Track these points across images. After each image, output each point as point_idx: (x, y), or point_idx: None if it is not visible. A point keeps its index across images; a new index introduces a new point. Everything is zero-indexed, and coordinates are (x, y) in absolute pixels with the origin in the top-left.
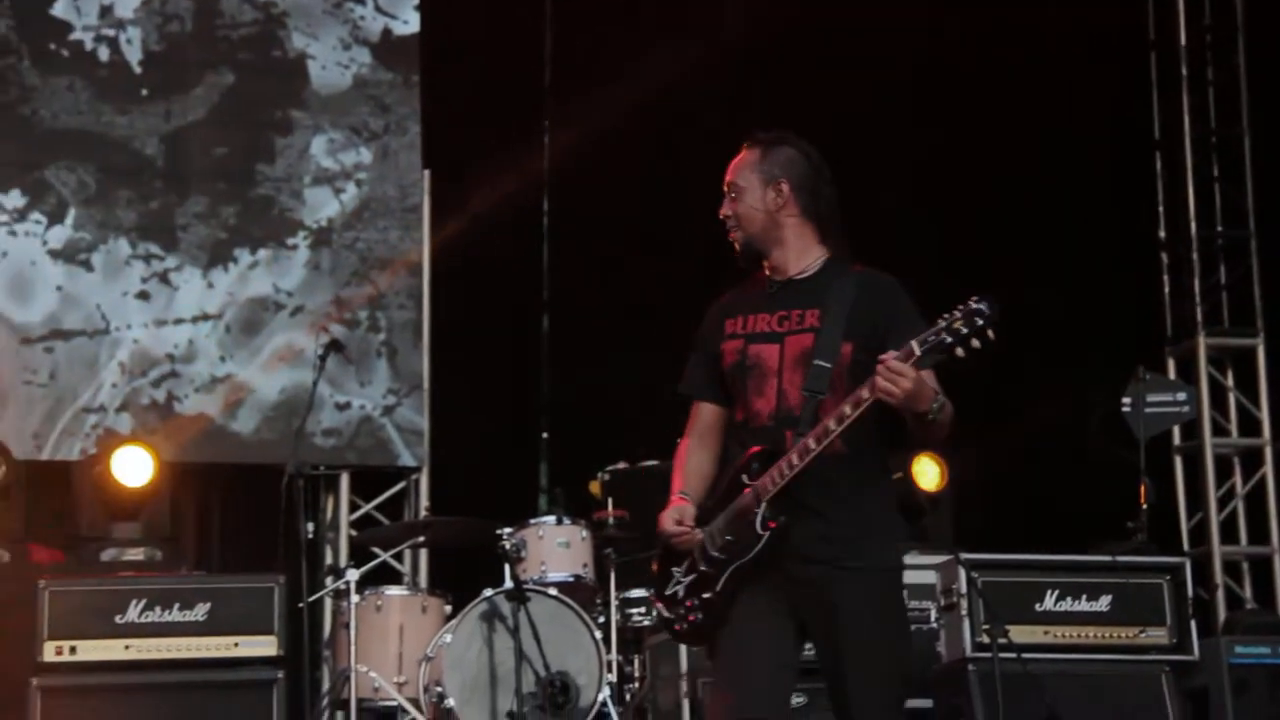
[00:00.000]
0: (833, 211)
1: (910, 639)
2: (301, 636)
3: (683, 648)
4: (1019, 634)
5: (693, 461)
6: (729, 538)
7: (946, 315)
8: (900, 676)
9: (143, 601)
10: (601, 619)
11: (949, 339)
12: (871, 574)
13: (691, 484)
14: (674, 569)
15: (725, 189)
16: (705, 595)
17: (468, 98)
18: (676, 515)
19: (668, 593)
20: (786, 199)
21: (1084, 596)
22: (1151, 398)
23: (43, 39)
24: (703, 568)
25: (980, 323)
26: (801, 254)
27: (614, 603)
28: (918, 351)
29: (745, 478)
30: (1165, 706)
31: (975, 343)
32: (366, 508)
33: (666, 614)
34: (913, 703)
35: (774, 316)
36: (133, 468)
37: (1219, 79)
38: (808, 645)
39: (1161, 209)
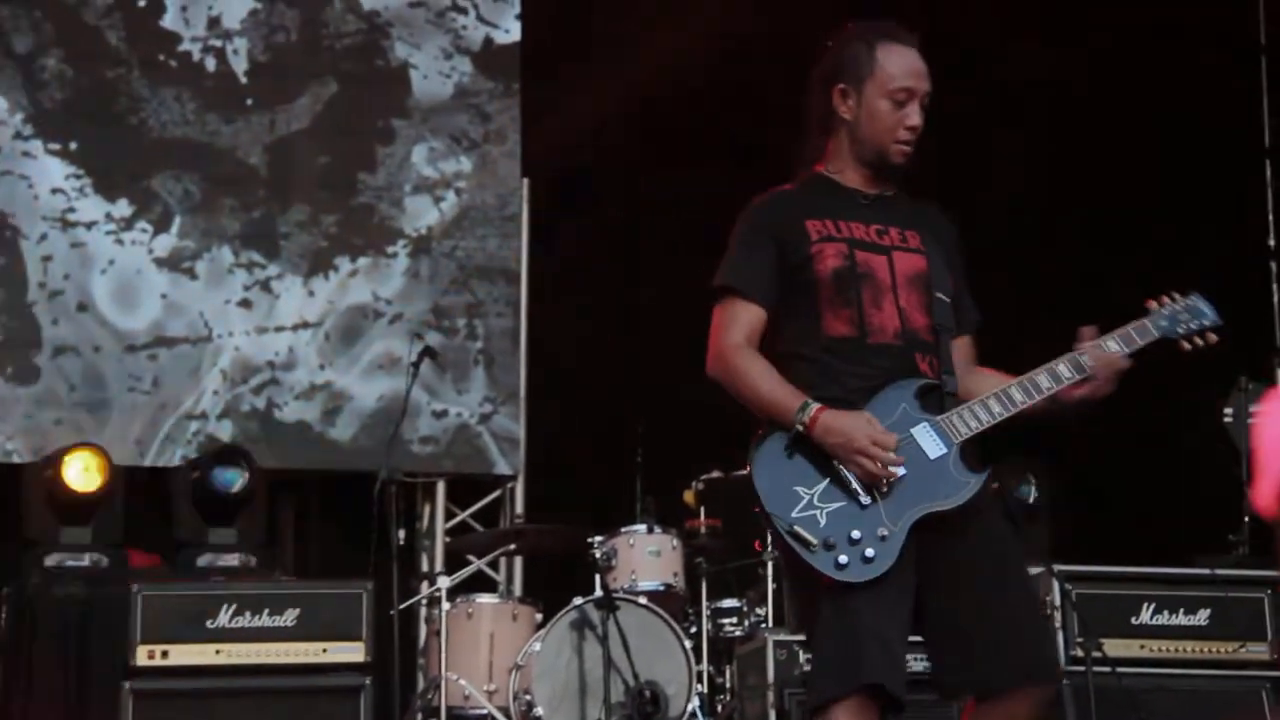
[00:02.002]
0: None
1: None
2: (392, 643)
3: (770, 656)
4: (1114, 648)
5: (769, 365)
6: (902, 473)
7: (1169, 305)
8: None
9: (233, 606)
10: (693, 629)
11: (1180, 330)
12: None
13: (788, 384)
14: (800, 488)
15: (923, 99)
16: (879, 532)
17: (569, 107)
18: (869, 426)
19: (799, 515)
20: None
21: (1181, 610)
22: (1255, 408)
23: (152, 50)
24: (864, 499)
25: (1205, 323)
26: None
27: (705, 612)
28: (1139, 343)
29: (910, 409)
30: None
31: (1199, 342)
32: (462, 515)
33: (813, 539)
34: None
35: (870, 228)
36: (227, 474)
37: None
38: None
39: (1271, 217)
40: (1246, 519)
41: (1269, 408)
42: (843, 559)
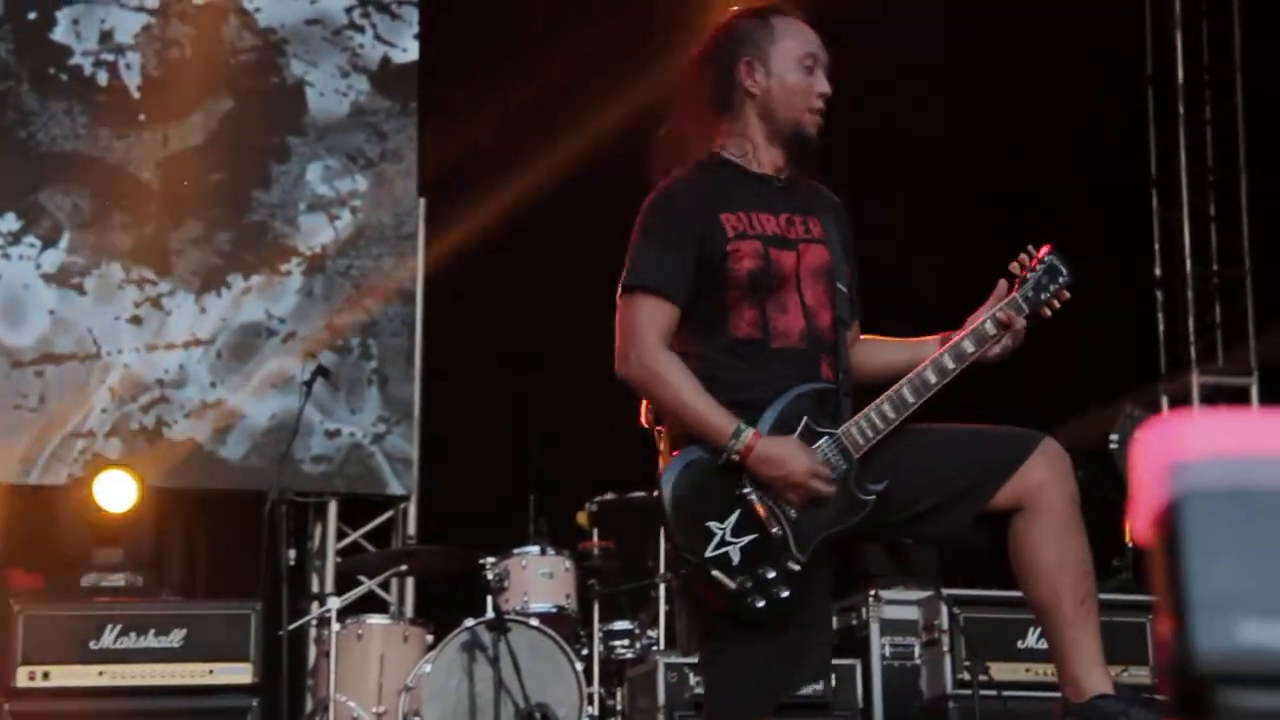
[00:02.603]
0: None
1: None
2: (280, 664)
3: (661, 679)
4: (1000, 671)
5: (691, 373)
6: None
7: (1034, 270)
8: None
9: (117, 627)
10: (584, 651)
11: (1043, 298)
12: None
13: (715, 401)
14: (712, 523)
15: (826, 67)
16: (790, 566)
17: (466, 126)
18: (808, 459)
19: (713, 554)
20: None
21: None
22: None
23: (42, 63)
24: (775, 530)
25: (1061, 281)
26: None
27: (597, 635)
28: (1026, 311)
29: (812, 423)
30: None
31: (1056, 305)
32: (354, 536)
33: (730, 584)
34: None
35: (779, 219)
36: (116, 493)
37: (1216, 118)
38: None
39: (1158, 246)
40: (1130, 544)
41: (1144, 436)
42: (758, 601)
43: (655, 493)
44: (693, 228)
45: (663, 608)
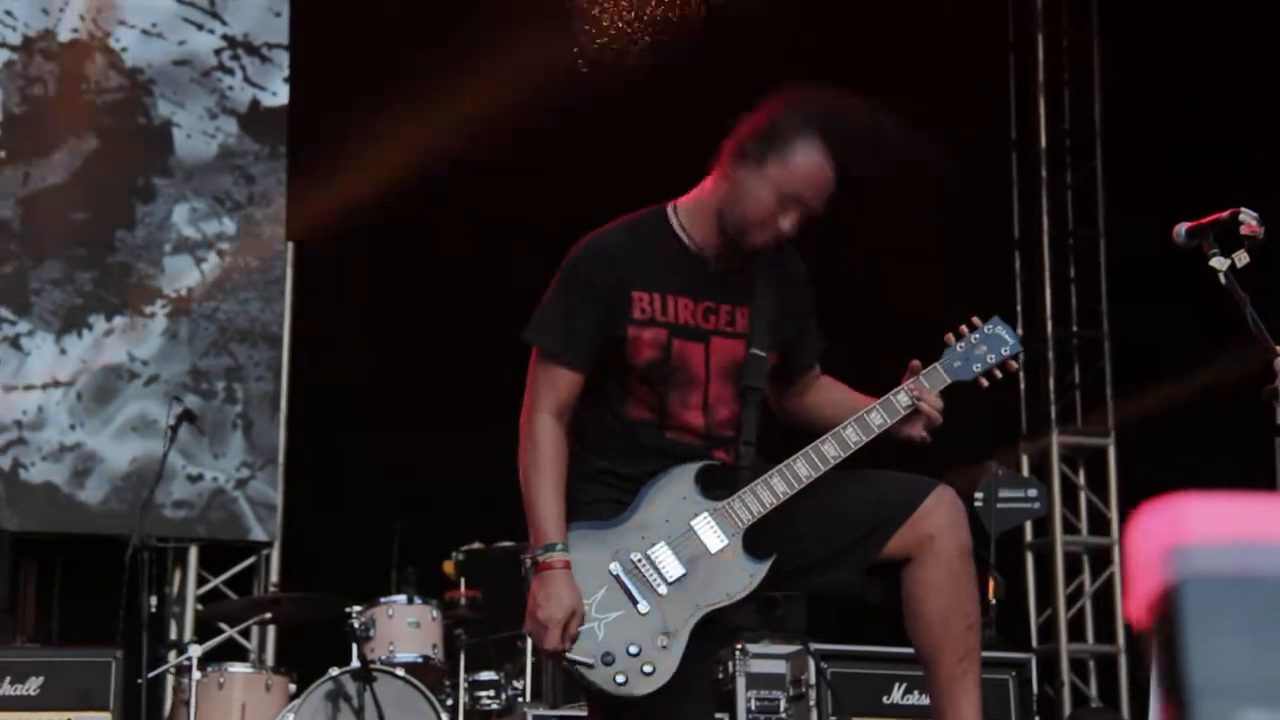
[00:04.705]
0: None
1: None
2: (140, 713)
3: None
4: None
5: (560, 460)
6: (682, 572)
7: (965, 340)
8: None
9: None
10: (449, 701)
11: (976, 369)
12: None
13: (561, 504)
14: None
15: (809, 212)
16: (659, 643)
17: (336, 170)
18: (569, 614)
19: (580, 636)
20: None
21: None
22: (1004, 493)
23: None
24: (643, 608)
25: (1005, 352)
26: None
27: (463, 685)
28: (947, 381)
29: (700, 495)
30: None
31: (998, 375)
32: (215, 582)
33: (590, 661)
34: None
35: (699, 306)
36: None
37: (1077, 182)
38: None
39: (1020, 307)
40: (994, 601)
41: (1142, 520)
42: (620, 678)
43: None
44: (597, 299)
45: (529, 659)
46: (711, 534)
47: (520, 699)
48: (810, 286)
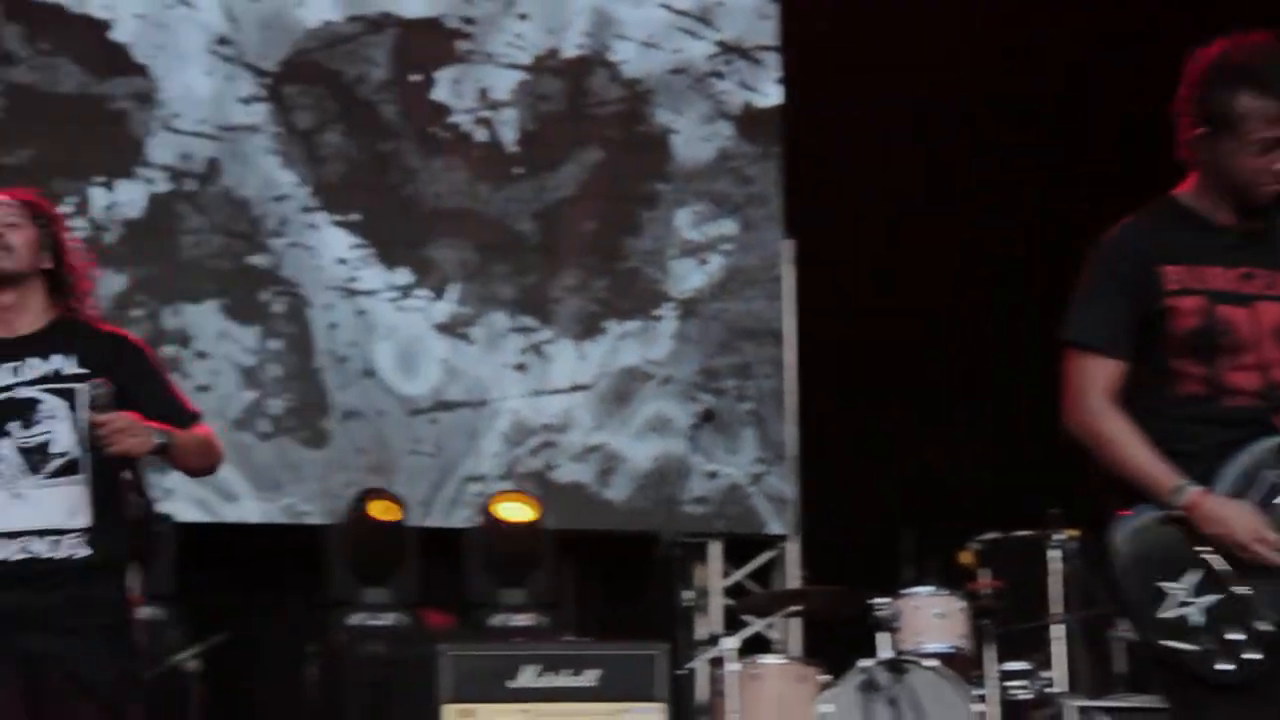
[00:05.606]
0: None
1: None
2: (685, 705)
3: None
4: None
5: (1134, 428)
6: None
7: None
8: None
9: (537, 667)
10: (979, 692)
11: None
12: None
13: (1159, 456)
14: (1167, 584)
15: None
16: (1258, 627)
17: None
18: (1251, 521)
19: (1166, 616)
20: None
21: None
22: None
23: (424, 122)
24: (1242, 590)
25: None
26: None
27: (995, 675)
28: None
29: (1276, 478)
30: None
31: None
32: (737, 575)
33: (1189, 648)
34: None
35: (1232, 273)
36: (517, 524)
37: None
38: None
39: None
40: None
41: None
42: (1226, 666)
43: (1110, 542)
44: (1127, 282)
45: (1063, 648)
46: None
47: (1047, 688)
48: None
